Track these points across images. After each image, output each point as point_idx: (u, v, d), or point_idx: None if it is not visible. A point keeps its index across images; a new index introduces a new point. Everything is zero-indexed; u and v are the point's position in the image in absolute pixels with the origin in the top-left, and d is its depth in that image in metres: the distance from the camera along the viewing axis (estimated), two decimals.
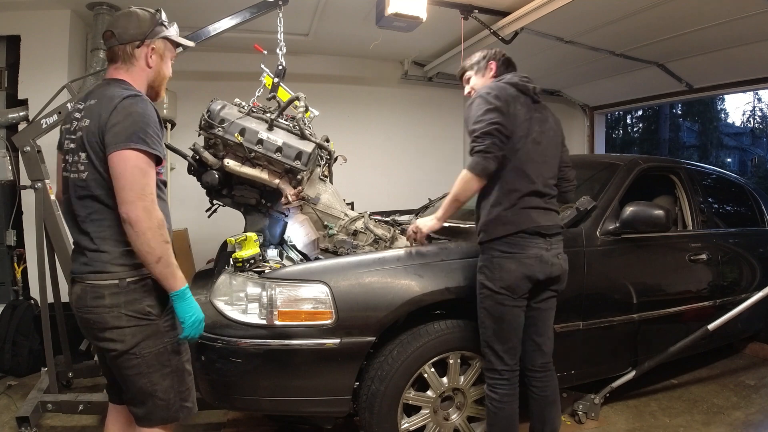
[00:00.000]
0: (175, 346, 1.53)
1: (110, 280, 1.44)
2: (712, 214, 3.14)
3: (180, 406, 1.54)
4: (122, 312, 1.44)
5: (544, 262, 1.89)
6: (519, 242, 1.87)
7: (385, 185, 5.25)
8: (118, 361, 1.47)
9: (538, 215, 1.91)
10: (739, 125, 17.91)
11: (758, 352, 3.60)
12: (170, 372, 1.51)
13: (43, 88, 3.13)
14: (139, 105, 1.43)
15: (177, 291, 1.44)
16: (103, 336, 1.45)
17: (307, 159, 2.31)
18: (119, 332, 1.44)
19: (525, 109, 1.94)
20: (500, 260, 1.88)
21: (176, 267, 1.44)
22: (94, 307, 1.44)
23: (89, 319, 1.46)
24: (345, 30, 4.17)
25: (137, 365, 1.46)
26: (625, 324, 2.52)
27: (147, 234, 1.37)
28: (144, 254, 1.39)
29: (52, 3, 3.46)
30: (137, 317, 1.45)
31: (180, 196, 4.22)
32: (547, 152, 2.00)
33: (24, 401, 2.52)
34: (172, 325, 1.53)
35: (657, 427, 2.58)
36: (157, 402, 1.50)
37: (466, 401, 2.17)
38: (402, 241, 2.54)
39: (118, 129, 1.39)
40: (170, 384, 1.51)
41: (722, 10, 3.32)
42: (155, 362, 1.48)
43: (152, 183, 1.42)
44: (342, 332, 1.91)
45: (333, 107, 4.54)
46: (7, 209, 3.46)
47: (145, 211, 1.37)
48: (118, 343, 1.44)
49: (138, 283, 1.46)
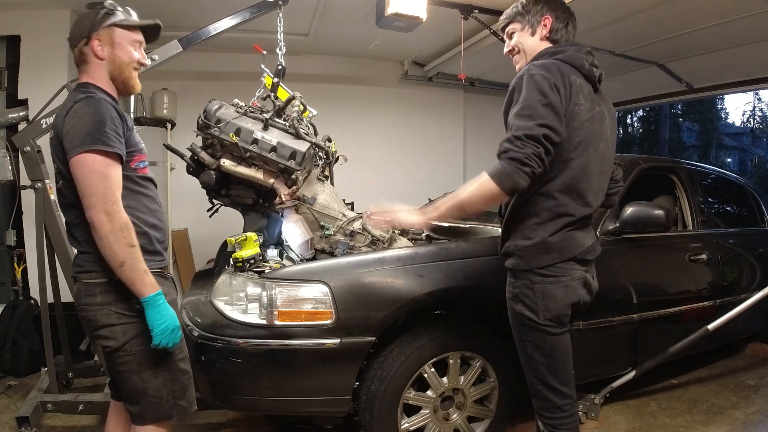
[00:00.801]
0: None
1: (99, 279, 1.46)
2: (712, 214, 3.14)
3: (173, 404, 1.54)
4: (112, 309, 1.46)
5: (587, 285, 1.64)
6: (563, 265, 1.57)
7: (385, 185, 5.24)
8: (112, 357, 1.49)
9: (582, 236, 1.60)
10: (739, 125, 17.92)
11: (758, 352, 3.60)
12: (162, 370, 1.51)
13: (43, 88, 3.13)
14: (90, 105, 1.42)
15: (146, 297, 1.42)
16: (98, 333, 1.48)
17: (302, 158, 2.31)
18: (111, 330, 1.46)
19: (588, 104, 1.54)
20: (543, 286, 1.56)
21: (144, 272, 1.42)
22: (87, 305, 1.47)
23: (84, 317, 1.50)
24: (345, 30, 4.17)
25: (128, 362, 1.48)
26: (625, 324, 2.52)
27: (109, 238, 1.37)
28: (108, 258, 1.39)
29: (52, 3, 3.46)
30: (127, 314, 1.47)
31: (180, 196, 4.22)
32: (606, 160, 1.64)
33: (24, 401, 2.52)
34: None
35: (657, 427, 2.58)
36: (149, 399, 1.51)
37: (466, 401, 2.17)
38: (401, 242, 2.54)
39: (72, 134, 1.39)
40: (162, 382, 1.51)
41: (722, 10, 3.32)
42: (146, 359, 1.48)
43: (114, 184, 1.40)
44: (342, 332, 1.91)
45: (333, 107, 4.54)
46: (7, 209, 3.46)
47: (106, 215, 1.37)
48: (111, 341, 1.47)
49: None
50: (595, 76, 1.59)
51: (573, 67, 1.55)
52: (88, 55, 1.52)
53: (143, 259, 1.43)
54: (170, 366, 1.54)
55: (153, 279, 1.44)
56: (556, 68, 1.50)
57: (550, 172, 1.51)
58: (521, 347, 1.66)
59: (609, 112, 1.68)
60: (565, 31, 1.65)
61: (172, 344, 1.47)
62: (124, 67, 1.55)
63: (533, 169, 1.42)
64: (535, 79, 1.47)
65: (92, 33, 1.51)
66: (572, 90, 1.50)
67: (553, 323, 1.57)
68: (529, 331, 1.61)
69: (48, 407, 2.46)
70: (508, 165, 1.42)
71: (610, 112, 1.68)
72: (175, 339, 1.48)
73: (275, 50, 2.88)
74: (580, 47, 1.61)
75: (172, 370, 1.54)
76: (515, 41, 1.69)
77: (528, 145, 1.41)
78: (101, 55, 1.52)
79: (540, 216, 1.55)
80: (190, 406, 1.60)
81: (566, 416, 1.61)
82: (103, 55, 1.52)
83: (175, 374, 1.55)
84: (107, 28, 1.52)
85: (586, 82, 1.57)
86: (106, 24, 1.52)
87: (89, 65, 1.53)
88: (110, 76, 1.54)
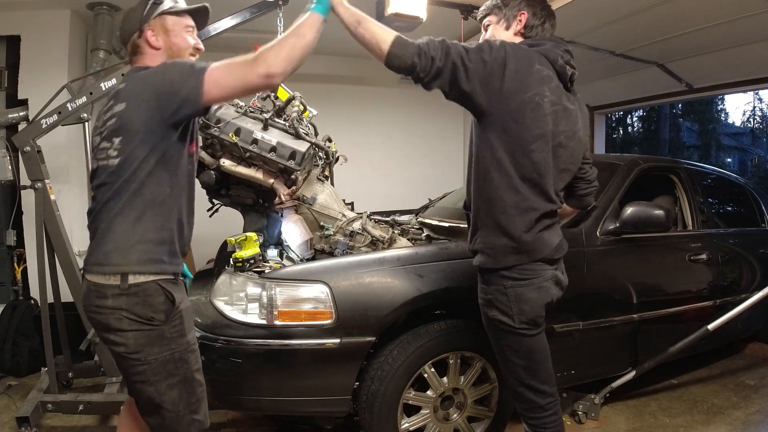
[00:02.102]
0: (184, 354, 1.45)
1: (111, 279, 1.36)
2: (712, 214, 3.14)
3: (191, 420, 1.46)
4: (124, 315, 1.37)
5: (558, 283, 1.64)
6: (533, 266, 1.56)
7: (385, 185, 5.25)
8: (124, 363, 1.42)
9: (550, 236, 1.59)
10: (739, 125, 17.93)
11: (758, 352, 3.60)
12: (178, 381, 1.43)
13: (43, 88, 3.13)
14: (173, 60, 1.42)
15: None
16: (108, 336, 1.41)
17: (301, 158, 2.31)
18: (122, 335, 1.38)
19: (554, 98, 1.51)
20: (516, 290, 1.55)
21: None
22: (98, 306, 1.39)
23: (93, 319, 1.43)
24: (345, 30, 4.17)
25: (143, 372, 1.40)
26: (625, 324, 2.52)
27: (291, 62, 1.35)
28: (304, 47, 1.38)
29: (52, 3, 3.46)
30: (139, 321, 1.38)
31: None
32: (573, 159, 1.63)
33: (24, 401, 2.52)
34: (180, 332, 1.44)
35: (657, 427, 2.58)
36: (165, 414, 1.43)
37: (466, 401, 2.17)
38: (401, 242, 2.54)
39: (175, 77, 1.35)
40: (179, 394, 1.43)
41: (722, 10, 3.32)
42: (162, 370, 1.40)
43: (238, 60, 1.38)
44: (342, 332, 1.91)
45: (333, 107, 4.54)
46: (7, 209, 3.46)
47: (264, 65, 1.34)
48: (121, 346, 1.39)
49: (140, 286, 1.39)
50: (567, 74, 1.57)
51: (546, 58, 1.53)
52: (143, 47, 1.50)
53: None
54: (187, 376, 1.45)
55: None
56: (520, 50, 1.49)
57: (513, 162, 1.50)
58: (499, 351, 1.67)
59: (582, 112, 1.66)
60: (542, 28, 1.63)
61: None
62: (183, 52, 1.54)
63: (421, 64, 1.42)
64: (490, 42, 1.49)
65: (143, 25, 1.49)
66: (530, 77, 1.47)
67: (528, 326, 1.57)
68: (506, 336, 1.61)
69: (48, 407, 2.45)
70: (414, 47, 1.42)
71: (582, 112, 1.67)
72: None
73: None
74: (558, 43, 1.59)
75: (188, 382, 1.46)
76: (489, 34, 1.67)
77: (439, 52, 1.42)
78: (157, 45, 1.50)
79: (507, 213, 1.52)
80: (206, 420, 1.52)
81: (549, 415, 1.62)
82: (158, 44, 1.50)
83: (192, 386, 1.47)
84: (158, 18, 1.51)
85: (556, 76, 1.54)
86: (156, 13, 1.50)
87: (145, 56, 1.51)
88: None
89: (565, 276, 1.71)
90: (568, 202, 1.85)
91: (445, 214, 2.99)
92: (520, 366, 1.62)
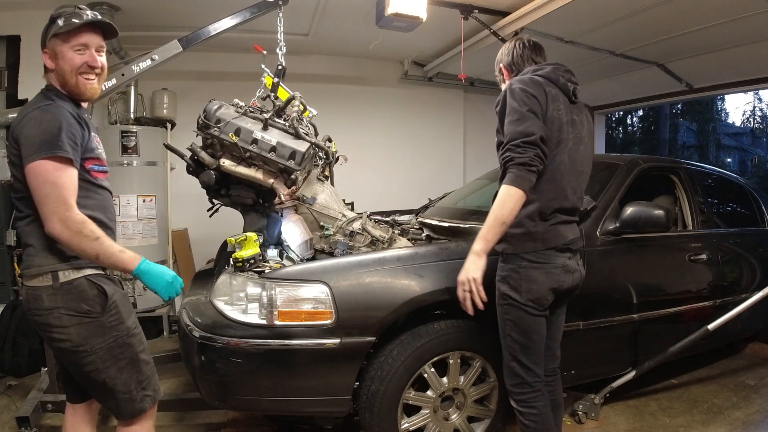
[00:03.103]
0: (126, 338, 1.56)
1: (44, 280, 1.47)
2: (712, 214, 3.14)
3: (143, 396, 1.58)
4: (62, 312, 1.47)
5: (568, 272, 1.82)
6: (547, 253, 1.78)
7: (386, 185, 5.25)
8: (72, 358, 1.51)
9: (566, 230, 1.81)
10: (739, 125, 17.93)
11: (758, 352, 3.60)
12: (126, 364, 1.54)
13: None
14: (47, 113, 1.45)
15: (134, 270, 1.50)
16: (51, 335, 1.50)
17: (301, 158, 2.31)
18: (63, 331, 1.48)
19: (564, 112, 1.79)
20: (528, 270, 1.77)
21: (119, 251, 1.48)
22: (36, 309, 1.49)
23: (35, 321, 1.51)
24: (345, 30, 4.17)
25: (92, 362, 1.50)
26: (625, 324, 2.52)
27: (72, 242, 1.42)
28: (83, 257, 1.46)
29: (52, 3, 3.44)
30: (77, 315, 1.48)
31: (180, 196, 4.22)
32: (584, 161, 1.88)
33: (24, 401, 2.52)
34: (119, 319, 1.55)
35: (657, 427, 2.58)
36: (119, 396, 1.54)
37: (466, 401, 2.17)
38: (401, 242, 2.54)
39: (28, 141, 1.42)
40: (128, 376, 1.55)
41: (722, 10, 3.32)
42: (108, 356, 1.51)
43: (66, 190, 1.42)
44: (342, 332, 1.91)
45: (333, 107, 4.54)
46: (7, 209, 3.46)
47: (61, 223, 1.40)
48: (66, 342, 1.49)
49: (72, 283, 1.49)
50: (569, 89, 1.82)
51: (549, 80, 1.80)
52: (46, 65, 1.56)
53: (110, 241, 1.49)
54: (133, 358, 1.56)
55: (130, 252, 1.50)
56: (530, 80, 1.77)
57: None
58: (502, 326, 1.85)
59: (587, 120, 1.93)
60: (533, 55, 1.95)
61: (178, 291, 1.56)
62: (67, 76, 1.54)
63: (537, 167, 1.67)
64: (514, 90, 1.75)
65: (43, 47, 1.55)
66: (548, 97, 1.75)
67: (533, 305, 1.77)
68: (512, 310, 1.80)
69: (48, 407, 2.46)
70: (519, 170, 1.66)
71: (588, 120, 1.93)
72: (180, 285, 1.56)
73: (275, 50, 2.88)
74: (558, 66, 1.85)
75: (134, 363, 1.57)
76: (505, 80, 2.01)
77: (528, 149, 1.66)
78: (50, 66, 1.55)
79: (527, 208, 1.73)
80: (157, 393, 1.64)
81: (533, 392, 1.83)
82: (51, 66, 1.55)
83: (138, 366, 1.58)
84: (52, 39, 1.53)
85: (561, 93, 1.81)
86: (50, 35, 1.53)
87: (49, 74, 1.57)
88: (60, 83, 1.56)
89: (583, 270, 1.91)
90: None
91: (445, 214, 2.99)
92: (516, 342, 1.82)
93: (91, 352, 1.49)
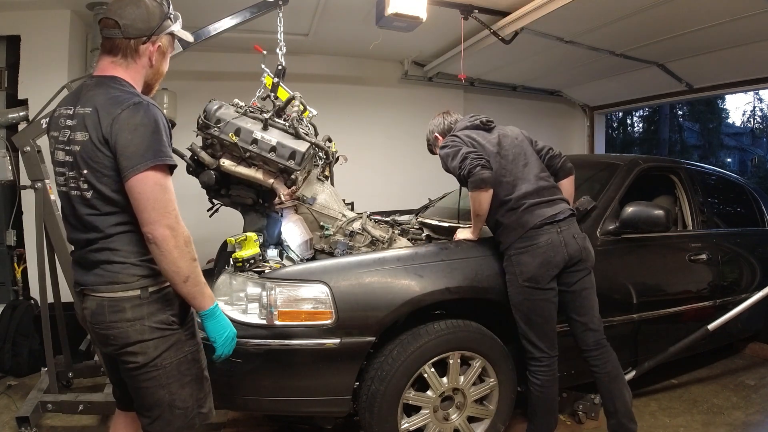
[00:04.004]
0: (196, 354, 1.48)
1: (130, 291, 1.36)
2: (712, 214, 3.14)
3: (197, 413, 1.49)
4: (146, 324, 1.36)
5: (557, 246, 2.04)
6: (530, 236, 2.07)
7: (386, 185, 5.24)
8: (137, 374, 1.39)
9: (541, 210, 2.09)
10: (739, 125, 17.92)
11: (758, 352, 3.60)
12: (190, 381, 1.45)
13: (43, 88, 3.13)
14: (147, 114, 1.31)
15: (206, 310, 1.40)
16: (126, 350, 1.38)
17: (301, 158, 2.31)
18: (142, 346, 1.37)
19: (481, 138, 2.23)
20: (517, 257, 2.08)
21: (204, 285, 1.39)
22: (114, 322, 1.36)
23: (109, 335, 1.37)
24: (345, 30, 4.17)
25: (157, 377, 1.39)
26: (625, 324, 2.52)
27: (173, 253, 1.31)
28: (171, 274, 1.33)
29: (52, 3, 3.46)
30: (161, 328, 1.39)
31: (180, 196, 4.21)
32: (519, 158, 2.22)
33: (24, 401, 2.52)
34: (192, 333, 1.48)
35: (657, 427, 2.58)
36: (175, 411, 1.43)
37: (466, 401, 2.17)
38: (401, 242, 2.53)
39: (131, 150, 1.28)
40: (190, 392, 1.45)
41: (722, 10, 3.32)
42: (175, 372, 1.42)
43: (173, 198, 1.34)
44: (342, 332, 1.91)
45: (333, 107, 4.53)
46: (7, 209, 3.46)
47: (170, 230, 1.30)
48: (140, 356, 1.37)
49: (160, 292, 1.40)
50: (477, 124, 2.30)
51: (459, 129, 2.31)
52: (141, 56, 1.41)
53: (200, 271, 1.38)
54: (197, 375, 1.48)
55: (210, 290, 1.41)
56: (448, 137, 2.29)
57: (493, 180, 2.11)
58: (513, 308, 2.13)
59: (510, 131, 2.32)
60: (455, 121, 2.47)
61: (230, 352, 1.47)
62: (160, 77, 1.49)
63: (480, 163, 2.05)
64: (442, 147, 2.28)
65: (154, 35, 1.40)
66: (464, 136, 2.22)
67: (530, 282, 2.06)
68: (514, 295, 2.11)
69: (48, 407, 2.46)
70: (472, 177, 2.05)
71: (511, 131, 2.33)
72: (233, 346, 1.48)
73: (275, 50, 2.87)
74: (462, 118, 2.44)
75: (198, 380, 1.48)
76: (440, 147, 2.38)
77: (467, 161, 2.07)
78: (153, 62, 1.44)
79: (495, 210, 2.14)
80: (210, 413, 1.54)
81: (541, 366, 2.11)
82: (154, 62, 1.44)
83: (201, 382, 1.50)
84: (167, 36, 1.44)
85: (474, 129, 2.28)
86: (167, 30, 1.43)
87: (135, 65, 1.41)
88: (146, 81, 1.47)
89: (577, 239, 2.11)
90: (557, 180, 2.30)
91: (445, 214, 3.00)
92: (522, 320, 2.11)
93: (160, 367, 1.38)
